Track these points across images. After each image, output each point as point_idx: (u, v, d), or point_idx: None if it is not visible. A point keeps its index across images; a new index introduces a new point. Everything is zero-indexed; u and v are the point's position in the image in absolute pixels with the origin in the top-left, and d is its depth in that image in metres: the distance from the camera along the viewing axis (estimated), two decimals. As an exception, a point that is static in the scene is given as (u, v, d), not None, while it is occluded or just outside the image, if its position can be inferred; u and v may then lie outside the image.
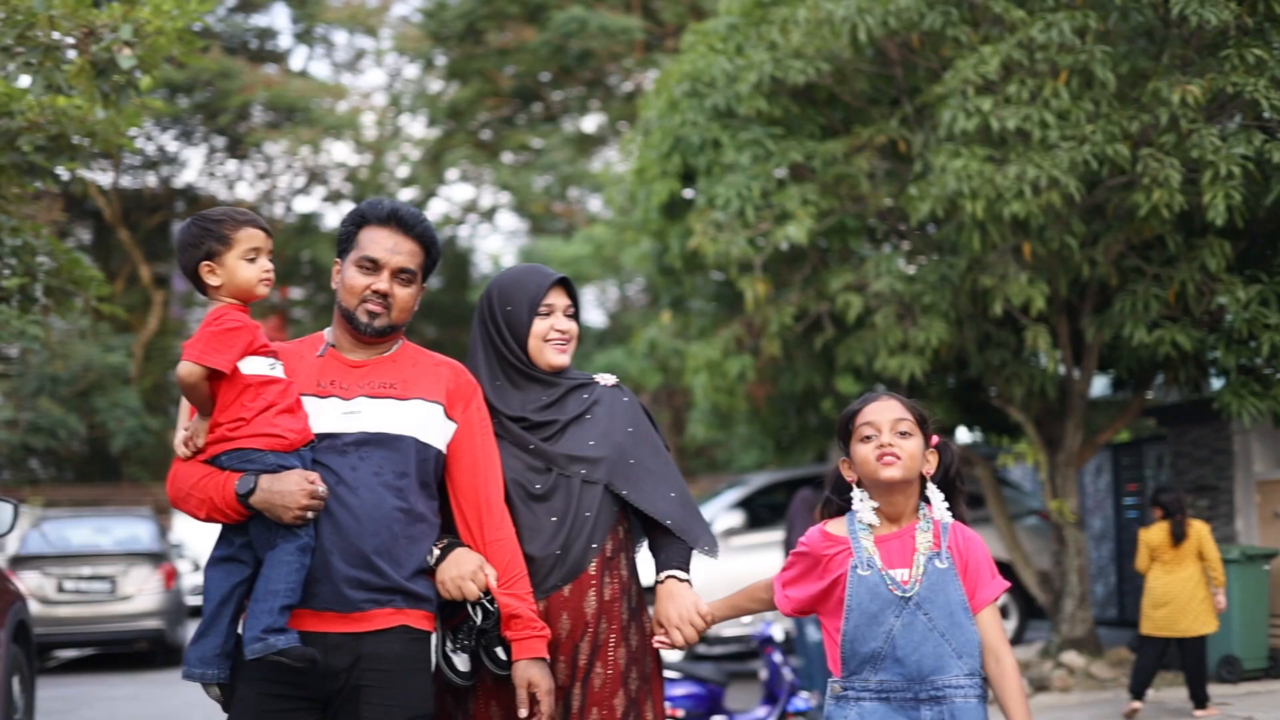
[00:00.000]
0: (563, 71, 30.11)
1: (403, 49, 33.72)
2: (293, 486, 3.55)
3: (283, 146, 33.32)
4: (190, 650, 3.66)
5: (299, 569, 3.57)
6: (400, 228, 3.84)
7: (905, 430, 3.54)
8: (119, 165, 33.09)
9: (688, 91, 11.87)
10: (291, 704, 3.62)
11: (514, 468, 3.92)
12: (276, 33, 36.14)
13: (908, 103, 10.97)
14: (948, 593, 3.48)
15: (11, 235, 9.32)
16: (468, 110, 30.95)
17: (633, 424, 4.05)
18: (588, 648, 3.87)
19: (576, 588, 3.87)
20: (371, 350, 3.86)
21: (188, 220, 3.79)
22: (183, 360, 3.56)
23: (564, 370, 4.07)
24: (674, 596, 3.92)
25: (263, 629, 3.51)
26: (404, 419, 3.77)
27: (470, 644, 3.78)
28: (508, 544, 3.81)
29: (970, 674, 3.47)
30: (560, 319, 4.03)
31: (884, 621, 3.46)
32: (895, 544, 3.53)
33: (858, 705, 3.50)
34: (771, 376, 12.86)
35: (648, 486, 3.98)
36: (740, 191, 11.12)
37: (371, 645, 3.64)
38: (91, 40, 8.15)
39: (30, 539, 16.41)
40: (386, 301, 3.80)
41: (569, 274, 20.87)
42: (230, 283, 3.69)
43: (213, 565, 3.68)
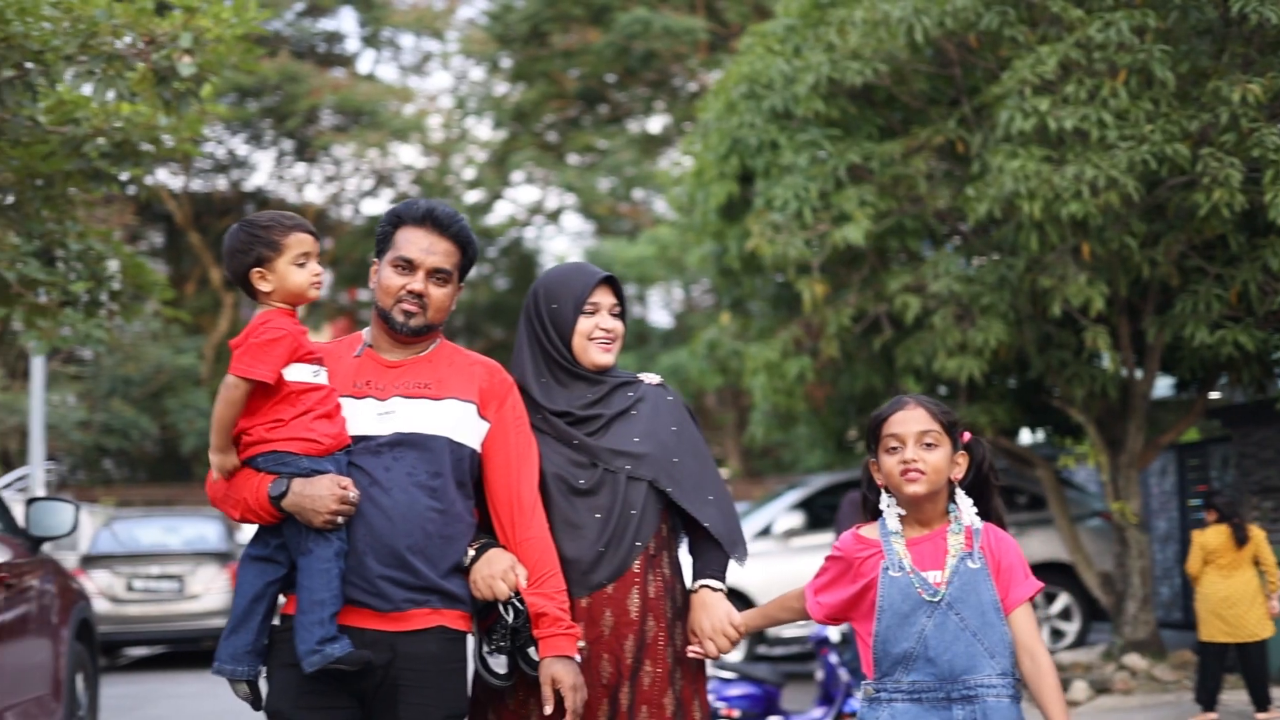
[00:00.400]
0: (627, 73, 30.17)
1: (469, 52, 33.91)
2: (324, 491, 3.59)
3: (350, 149, 33.61)
4: (221, 646, 3.71)
5: (337, 574, 3.61)
6: (436, 228, 3.85)
7: (931, 441, 3.53)
8: (189, 169, 33.48)
9: (745, 93, 11.88)
10: (330, 690, 3.64)
11: (557, 463, 3.92)
12: (344, 36, 36.47)
13: (966, 103, 10.92)
14: (979, 593, 3.48)
15: (78, 240, 9.48)
16: (533, 112, 31.09)
17: (677, 423, 4.05)
18: (634, 646, 3.87)
19: (621, 585, 3.87)
20: (408, 350, 3.89)
21: (235, 226, 3.81)
22: (230, 373, 3.61)
23: (609, 369, 4.06)
24: (707, 607, 3.93)
25: (317, 641, 3.57)
26: (438, 419, 3.79)
27: (505, 645, 3.78)
28: (539, 542, 3.81)
29: (1003, 674, 3.47)
30: (605, 318, 4.03)
31: (915, 622, 3.47)
32: (927, 546, 3.54)
33: (890, 706, 3.51)
34: (831, 378, 12.84)
35: (690, 487, 3.97)
36: (798, 193, 11.12)
37: (408, 645, 3.68)
38: (153, 48, 8.26)
39: (101, 538, 16.66)
40: (422, 301, 3.81)
41: (633, 275, 20.94)
42: (281, 288, 3.72)
43: (246, 563, 3.73)
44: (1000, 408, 11.89)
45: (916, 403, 3.60)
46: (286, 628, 3.69)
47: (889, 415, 3.60)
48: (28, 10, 7.97)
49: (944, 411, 3.59)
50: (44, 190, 9.36)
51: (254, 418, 3.67)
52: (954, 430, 3.59)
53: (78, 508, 7.17)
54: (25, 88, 8.18)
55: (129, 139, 9.22)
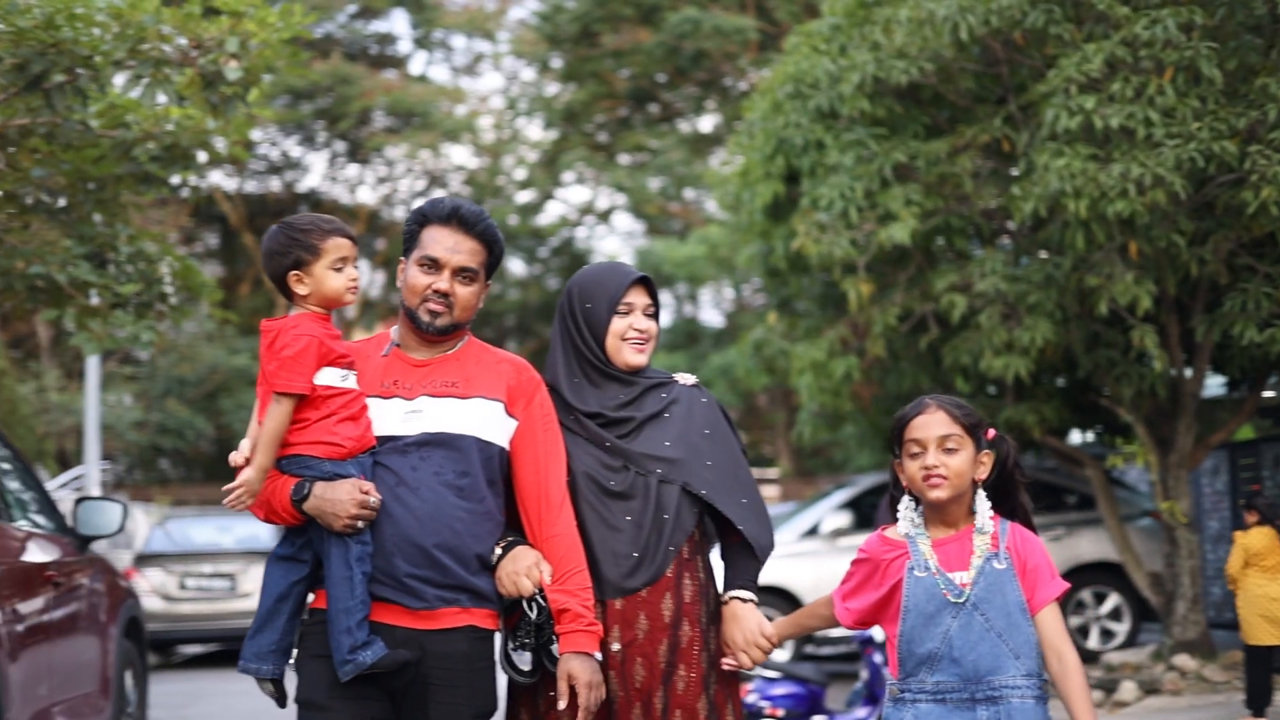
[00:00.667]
0: (678, 72, 30.19)
1: (520, 52, 34.02)
2: (344, 495, 3.60)
3: (403, 150, 33.79)
4: (246, 645, 3.74)
5: (361, 579, 3.62)
6: (462, 227, 3.86)
7: (953, 446, 3.52)
8: (243, 171, 33.76)
9: (791, 93, 11.88)
10: (361, 682, 3.66)
11: (588, 464, 3.92)
12: (396, 38, 36.65)
13: (1013, 101, 10.88)
14: (1005, 593, 3.48)
15: (128, 243, 9.59)
16: (583, 112, 31.15)
17: (710, 426, 4.02)
18: (667, 650, 3.86)
19: (655, 589, 3.86)
20: (435, 349, 3.89)
21: (275, 227, 3.83)
22: (273, 391, 3.62)
23: (643, 369, 4.06)
24: (739, 619, 3.93)
25: (348, 650, 3.59)
26: (465, 418, 3.79)
27: (529, 641, 3.79)
28: (564, 539, 3.81)
29: (1028, 674, 3.46)
30: (639, 318, 4.02)
31: (940, 623, 3.47)
32: (953, 547, 3.53)
33: (914, 707, 3.51)
34: (878, 377, 12.82)
35: (723, 490, 3.96)
36: (843, 192, 11.11)
37: (438, 644, 3.70)
38: (200, 53, 8.36)
39: (154, 537, 16.84)
40: (448, 301, 3.81)
41: (683, 275, 20.94)
42: (318, 292, 3.74)
43: (273, 562, 3.76)
44: (1048, 407, 11.83)
45: (937, 405, 3.59)
46: (316, 621, 3.72)
47: (910, 419, 3.59)
48: (78, 16, 8.08)
49: (966, 413, 3.58)
50: (95, 194, 9.49)
51: None
52: (977, 431, 3.57)
53: (125, 507, 7.27)
54: (75, 92, 8.29)
55: (178, 142, 9.33)
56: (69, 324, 9.22)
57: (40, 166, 9.13)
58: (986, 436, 3.61)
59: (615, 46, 30.33)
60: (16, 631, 5.83)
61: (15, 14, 7.84)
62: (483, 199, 33.62)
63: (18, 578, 6.00)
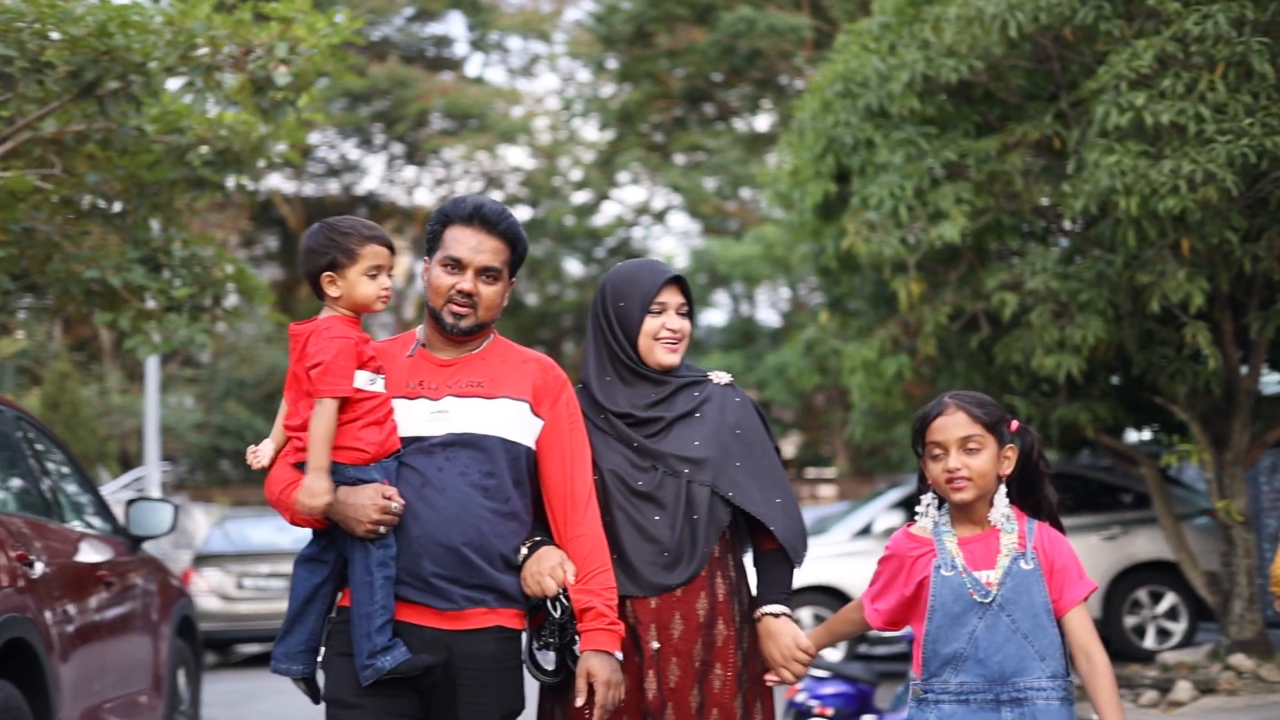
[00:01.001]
0: (733, 72, 30.17)
1: (575, 53, 34.11)
2: (365, 501, 3.61)
3: (459, 152, 33.95)
4: (277, 646, 3.79)
5: (383, 583, 3.63)
6: (484, 226, 3.84)
7: (974, 446, 3.50)
8: (301, 174, 34.03)
9: (840, 92, 11.87)
10: (389, 681, 3.67)
11: (616, 462, 3.91)
12: (452, 40, 36.83)
13: (1065, 98, 10.82)
14: (1032, 594, 3.46)
15: (183, 247, 9.71)
16: (638, 112, 31.20)
17: (742, 425, 4.00)
18: (702, 650, 3.85)
19: (689, 589, 3.85)
20: (461, 348, 3.88)
21: (316, 226, 3.85)
22: (318, 397, 3.63)
23: (675, 368, 4.04)
24: (774, 635, 3.91)
25: (368, 655, 3.61)
26: (491, 418, 3.78)
27: (554, 641, 3.79)
28: (589, 538, 3.80)
29: (1053, 676, 3.45)
30: (672, 318, 4.00)
31: (966, 623, 3.45)
32: (979, 546, 3.51)
33: (937, 708, 3.50)
34: (931, 376, 12.78)
35: (753, 490, 3.93)
36: (893, 191, 11.08)
37: (465, 644, 3.71)
38: (249, 59, 8.46)
39: (213, 538, 17.02)
40: (472, 301, 3.81)
41: (739, 274, 20.91)
42: (348, 296, 3.74)
43: (300, 563, 3.79)
44: (1102, 405, 11.75)
45: (957, 406, 3.57)
46: (343, 620, 3.73)
47: (930, 420, 3.58)
48: (130, 23, 8.19)
49: (987, 410, 3.56)
50: (150, 198, 9.61)
51: (303, 425, 3.70)
52: (999, 427, 3.55)
53: (176, 508, 7.37)
54: (129, 99, 8.41)
55: (230, 147, 9.44)
56: (124, 327, 9.35)
57: (95, 172, 9.26)
58: (1009, 429, 3.58)
59: (670, 47, 30.33)
60: (67, 630, 5.93)
61: (69, 22, 7.97)
62: (539, 200, 33.75)
63: (69, 578, 6.10)
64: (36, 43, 7.92)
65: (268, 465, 3.78)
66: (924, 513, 3.59)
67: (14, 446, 6.38)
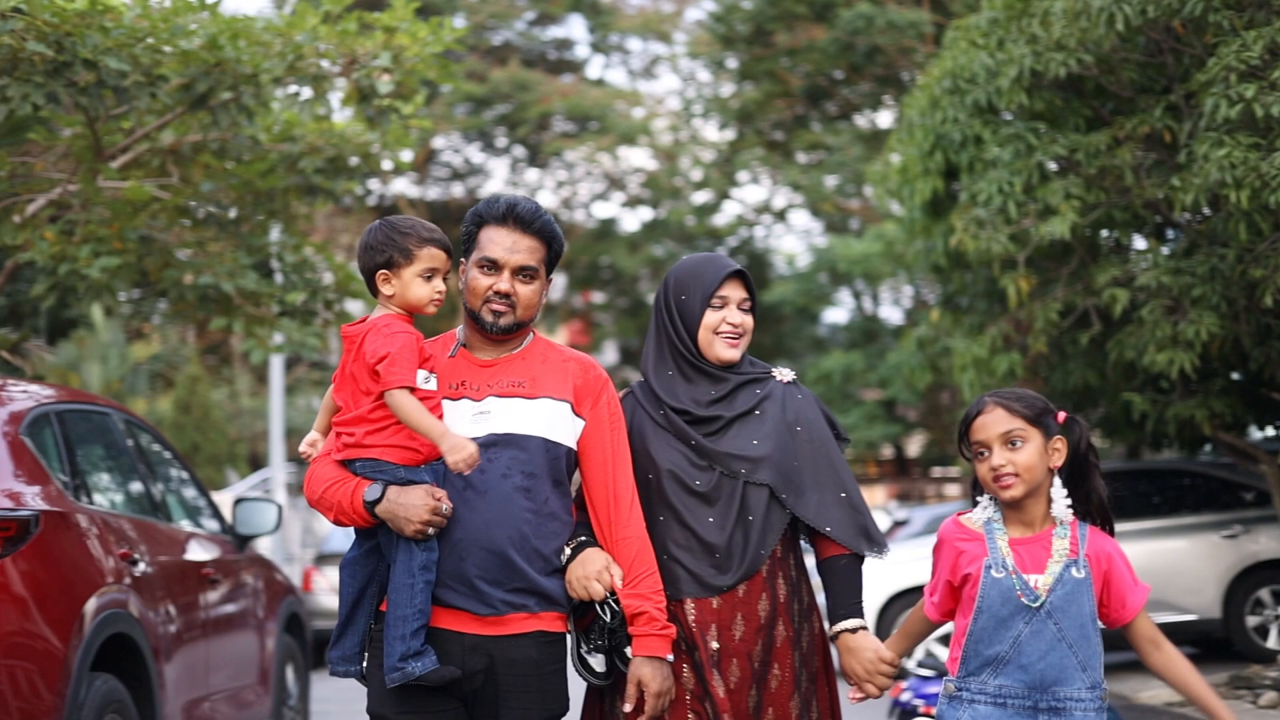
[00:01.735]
0: (852, 69, 30.02)
1: (695, 53, 34.17)
2: (417, 501, 3.59)
3: (581, 154, 34.18)
4: (332, 651, 3.79)
5: (424, 588, 3.61)
6: (519, 225, 3.81)
7: (1017, 440, 3.45)
8: (425, 178, 34.49)
9: (949, 88, 11.81)
10: (431, 693, 3.67)
11: (673, 460, 3.87)
12: (573, 43, 37.07)
13: (1177, 91, 10.67)
14: (1080, 604, 3.41)
15: (293, 252, 9.94)
16: (758, 112, 31.17)
17: (802, 423, 3.93)
18: (762, 651, 3.82)
19: (750, 590, 3.82)
20: (501, 348, 3.86)
21: (377, 222, 3.84)
22: (391, 392, 3.62)
23: (737, 364, 3.99)
24: (853, 650, 3.83)
25: (399, 657, 3.59)
26: (532, 418, 3.76)
27: (603, 644, 3.77)
28: (635, 540, 3.77)
29: (1092, 686, 3.42)
30: (733, 312, 3.96)
31: (1012, 626, 3.41)
32: (1031, 548, 3.46)
33: (971, 708, 3.46)
34: (1044, 374, 12.66)
35: (812, 491, 3.88)
36: (1001, 187, 11.01)
37: (507, 650, 3.69)
38: (354, 68, 8.64)
39: (333, 537, 17.31)
40: (510, 301, 3.79)
41: (859, 272, 20.74)
42: (401, 296, 3.74)
43: (345, 566, 3.79)
44: (1220, 402, 11.55)
45: (995, 403, 3.52)
46: (382, 628, 3.71)
47: (971, 421, 3.53)
48: (240, 34, 8.41)
49: (1027, 404, 3.50)
50: (265, 205, 9.86)
51: (356, 420, 3.71)
52: (1044, 419, 3.49)
53: (281, 509, 7.54)
54: (240, 109, 8.63)
55: (341, 154, 9.65)
56: (238, 331, 9.60)
57: (210, 180, 9.52)
58: (1056, 420, 3.52)
59: (789, 45, 30.26)
60: (170, 626, 6.13)
61: (181, 35, 8.20)
62: (660, 201, 33.86)
63: (173, 575, 6.29)
64: (150, 57, 8.16)
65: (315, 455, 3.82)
66: (982, 504, 3.55)
67: (123, 449, 6.60)
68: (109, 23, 7.86)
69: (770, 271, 34.30)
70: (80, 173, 8.81)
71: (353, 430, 3.71)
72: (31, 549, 5.01)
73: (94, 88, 8.00)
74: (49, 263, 8.68)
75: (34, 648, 4.97)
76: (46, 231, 8.73)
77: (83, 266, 8.54)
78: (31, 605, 4.97)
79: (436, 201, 35.86)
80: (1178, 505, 12.88)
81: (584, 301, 37.94)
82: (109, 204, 8.83)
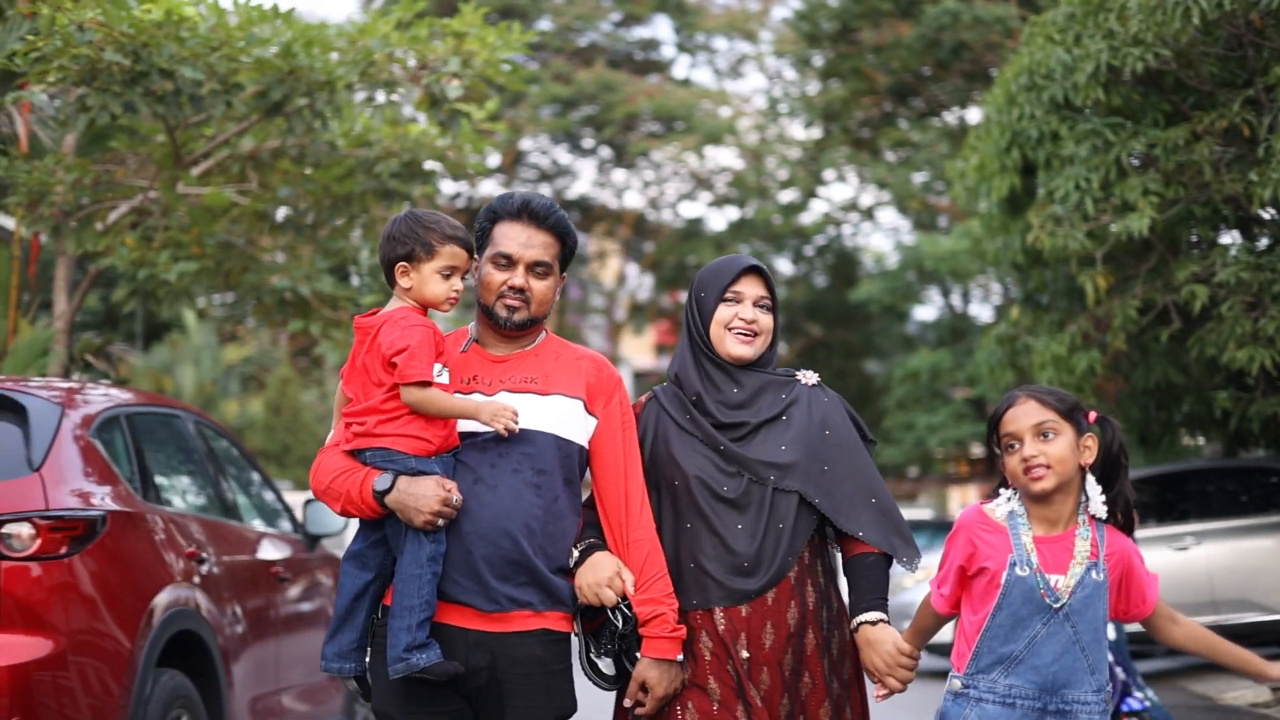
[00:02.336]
0: (939, 65, 29.84)
1: (781, 52, 34.12)
2: (428, 492, 3.57)
3: (667, 154, 34.24)
4: (327, 646, 3.77)
5: (430, 579, 3.59)
6: (533, 221, 3.81)
7: (1050, 432, 3.42)
8: (513, 180, 34.68)
9: (1025, 85, 11.74)
10: (437, 692, 3.68)
11: (701, 465, 3.83)
12: (659, 43, 37.13)
13: (1257, 84, 10.53)
14: (1096, 608, 3.41)
15: (371, 255, 10.08)
16: (843, 110, 31.06)
17: (830, 426, 3.89)
18: (792, 659, 3.78)
19: (779, 598, 3.78)
20: (514, 344, 3.85)
21: (401, 214, 3.82)
22: (407, 387, 3.61)
23: (760, 364, 3.95)
24: (873, 644, 3.76)
25: (404, 648, 3.56)
26: (544, 415, 3.75)
27: (613, 648, 3.75)
28: (645, 543, 3.75)
29: (1098, 690, 3.41)
30: (747, 308, 3.91)
31: (1030, 626, 3.39)
32: (1054, 548, 3.43)
33: (979, 707, 3.43)
34: (1125, 371, 12.54)
35: (843, 495, 3.83)
36: (1079, 183, 10.93)
37: (511, 647, 3.67)
38: (424, 73, 8.76)
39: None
40: (524, 296, 3.78)
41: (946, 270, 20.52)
42: (418, 290, 3.72)
43: (348, 559, 3.77)
44: (1304, 401, 11.39)
45: (1027, 396, 3.50)
46: (385, 622, 3.69)
47: (1002, 414, 3.50)
48: (315, 41, 8.55)
49: (1059, 399, 3.49)
50: (342, 210, 10.01)
51: (368, 410, 3.69)
52: (1075, 415, 3.46)
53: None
54: (314, 115, 8.77)
55: (416, 159, 9.77)
56: (315, 333, 9.75)
57: (287, 185, 9.68)
58: (1088, 419, 3.50)
59: (875, 42, 30.13)
60: (238, 623, 6.25)
61: (255, 44, 8.35)
62: (747, 200, 33.83)
63: (241, 574, 6.42)
64: (226, 65, 8.31)
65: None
66: (1004, 499, 3.51)
67: (193, 451, 6.74)
68: (184, 32, 8.02)
69: (859, 270, 34.18)
70: (161, 180, 9.00)
71: (364, 420, 3.69)
72: (98, 548, 5.14)
73: (170, 96, 8.17)
74: (129, 268, 8.87)
75: (100, 644, 5.10)
76: (127, 238, 8.92)
77: (161, 271, 8.72)
78: (98, 602, 5.10)
79: (525, 203, 36.08)
80: (1265, 503, 12.69)
81: (672, 301, 37.95)
82: (188, 210, 9.01)
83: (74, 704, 4.94)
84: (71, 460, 5.31)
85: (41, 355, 9.07)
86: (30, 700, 4.78)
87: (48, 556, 4.95)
